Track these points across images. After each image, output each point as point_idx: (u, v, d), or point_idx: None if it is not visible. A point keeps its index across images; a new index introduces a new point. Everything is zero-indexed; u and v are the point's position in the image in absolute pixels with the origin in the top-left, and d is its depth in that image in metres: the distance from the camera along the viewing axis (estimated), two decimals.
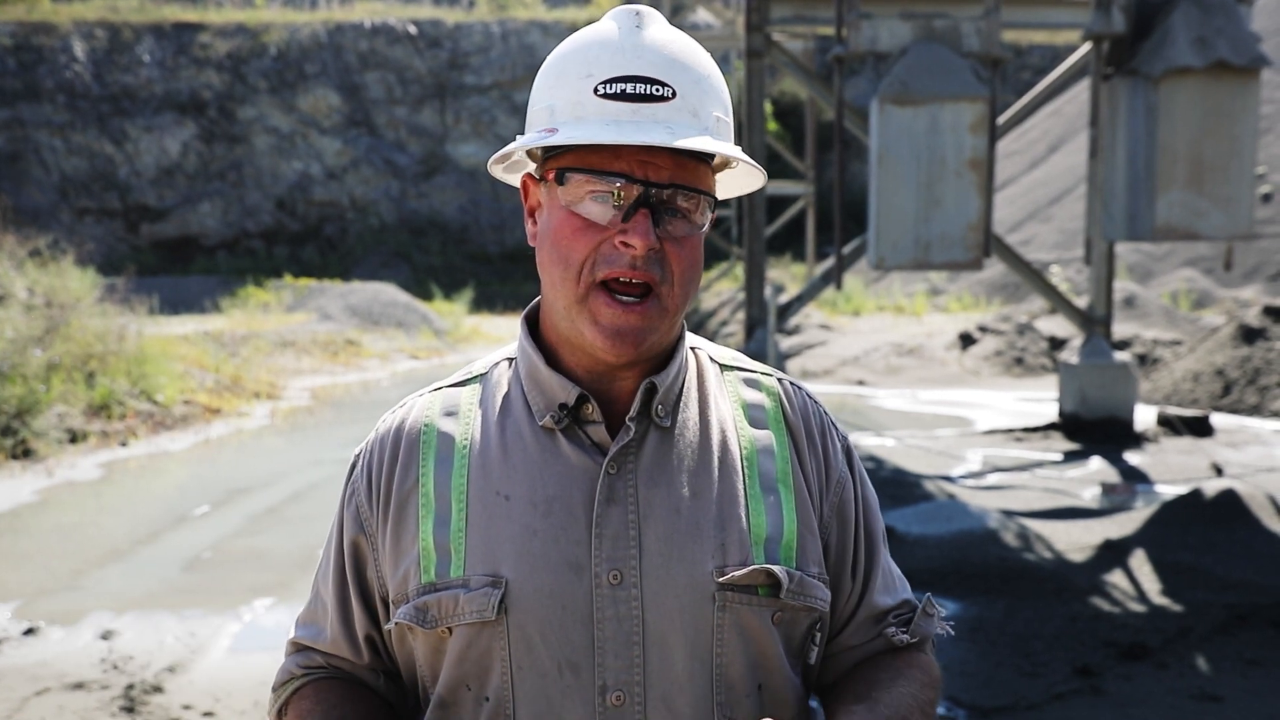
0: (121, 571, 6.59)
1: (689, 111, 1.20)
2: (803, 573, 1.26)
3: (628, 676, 1.20)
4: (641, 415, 1.25)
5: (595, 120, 1.18)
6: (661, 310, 1.21)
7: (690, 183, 1.20)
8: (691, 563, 1.21)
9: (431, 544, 1.24)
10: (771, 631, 1.24)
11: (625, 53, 1.20)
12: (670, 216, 1.20)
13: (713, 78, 1.24)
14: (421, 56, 31.82)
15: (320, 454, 9.96)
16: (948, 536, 6.43)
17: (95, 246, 21.03)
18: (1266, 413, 11.00)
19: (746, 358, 1.40)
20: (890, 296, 22.08)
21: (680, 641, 1.21)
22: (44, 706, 4.54)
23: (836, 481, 1.33)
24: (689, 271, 1.22)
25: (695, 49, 1.24)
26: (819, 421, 1.36)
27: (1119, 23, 9.05)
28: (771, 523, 1.26)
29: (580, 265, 1.20)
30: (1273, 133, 19.86)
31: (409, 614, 1.23)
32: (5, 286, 12.00)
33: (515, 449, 1.26)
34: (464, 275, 28.01)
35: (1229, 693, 4.43)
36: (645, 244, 1.17)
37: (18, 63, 29.92)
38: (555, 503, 1.22)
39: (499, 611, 1.20)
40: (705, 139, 1.19)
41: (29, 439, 9.55)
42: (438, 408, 1.32)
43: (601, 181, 1.18)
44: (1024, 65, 31.44)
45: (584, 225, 1.20)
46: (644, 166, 1.18)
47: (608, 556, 1.21)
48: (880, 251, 8.42)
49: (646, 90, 1.18)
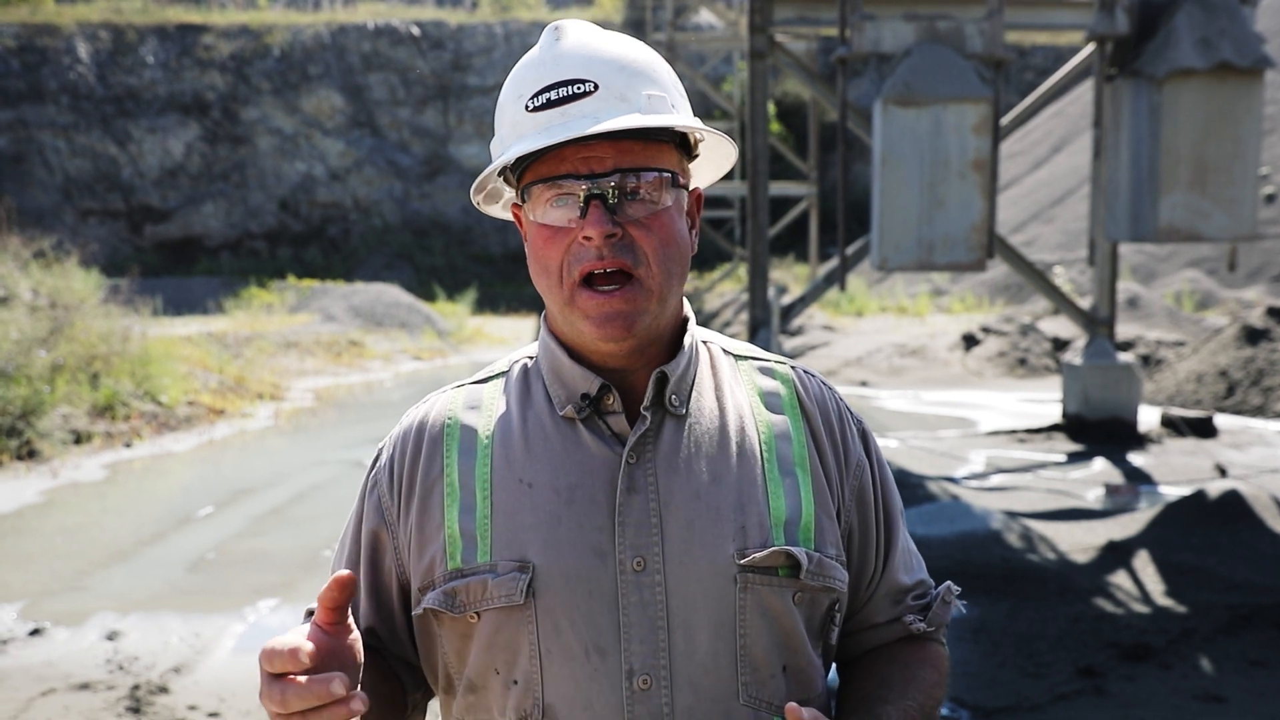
0: (126, 572, 6.60)
1: (615, 98, 1.23)
2: (821, 554, 1.29)
3: (654, 660, 1.23)
4: (656, 405, 1.29)
5: (531, 133, 1.24)
6: (645, 292, 1.24)
7: (637, 164, 1.23)
8: (713, 546, 1.25)
9: (457, 531, 1.27)
10: (793, 611, 1.27)
11: (545, 65, 1.26)
12: (629, 200, 1.23)
13: (639, 61, 1.27)
14: (424, 57, 31.85)
15: (324, 455, 9.97)
16: (951, 537, 6.43)
17: (99, 247, 21.05)
18: (1270, 414, 10.99)
19: (759, 349, 1.44)
20: (893, 297, 22.08)
21: (704, 624, 1.24)
22: (50, 707, 4.55)
23: (855, 466, 1.37)
24: (663, 249, 1.25)
25: (620, 42, 1.28)
26: (835, 408, 1.39)
27: (1122, 24, 9.05)
28: (790, 505, 1.29)
29: (559, 270, 1.25)
30: (1276, 134, 19.84)
31: (437, 599, 1.26)
32: (10, 288, 12.03)
33: (537, 438, 1.29)
34: (467, 276, 28.02)
35: (1232, 693, 4.44)
36: (600, 231, 1.21)
37: (22, 64, 29.96)
38: (577, 490, 1.26)
39: (527, 595, 1.23)
40: (632, 117, 1.22)
41: (34, 440, 9.57)
42: (461, 402, 1.36)
43: (552, 187, 1.24)
44: (1027, 66, 31.43)
45: (552, 233, 1.25)
46: (586, 162, 1.23)
47: (631, 544, 1.24)
48: (883, 252, 8.42)
49: (569, 91, 1.23)
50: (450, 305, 23.08)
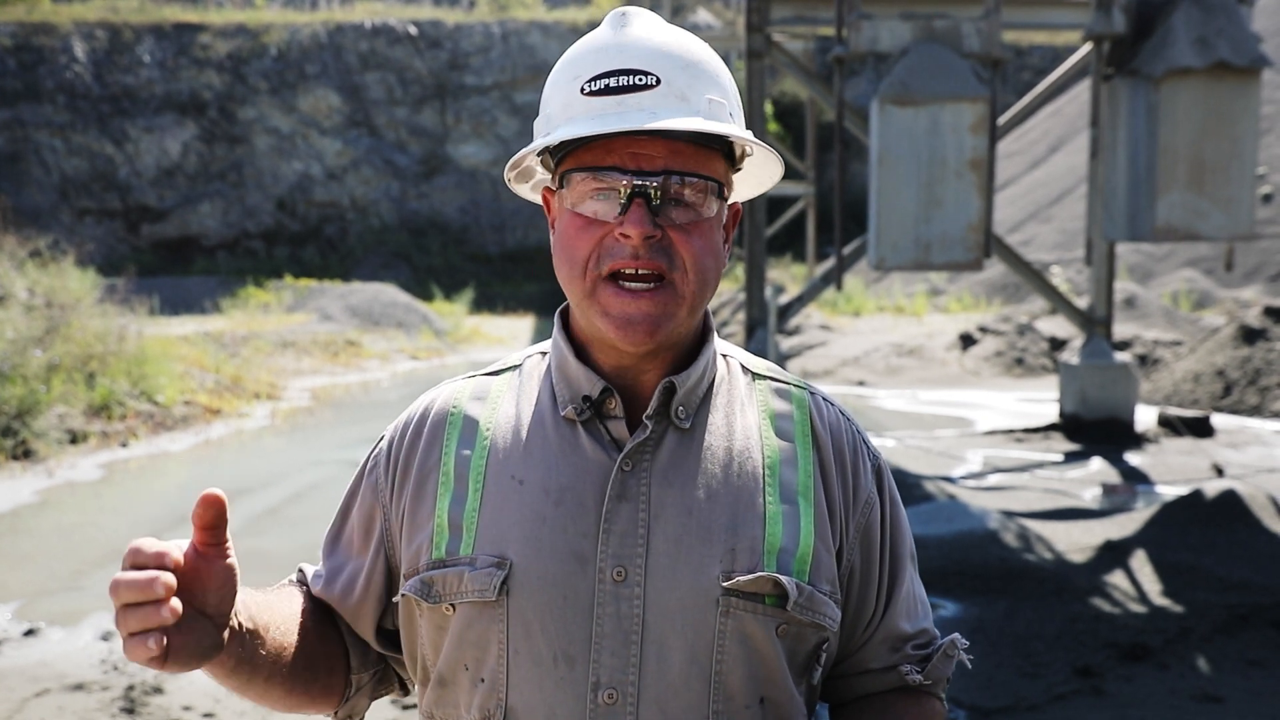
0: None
1: (675, 96, 1.19)
2: (814, 588, 1.23)
3: (622, 675, 1.19)
4: (661, 415, 1.25)
5: (582, 117, 1.20)
6: (677, 297, 1.21)
7: (688, 168, 1.20)
8: (698, 565, 1.20)
9: (446, 521, 1.26)
10: (775, 644, 1.22)
11: (609, 51, 1.21)
12: (673, 205, 1.20)
13: (705, 63, 1.23)
14: (422, 57, 31.82)
15: (320, 454, 9.96)
16: (948, 537, 6.43)
17: (95, 247, 21.03)
18: (1267, 413, 11.00)
19: (780, 369, 1.39)
20: (890, 297, 22.08)
21: (680, 644, 1.19)
22: (44, 707, 4.54)
23: (864, 503, 1.31)
24: (701, 259, 1.21)
25: (685, 38, 1.24)
26: (850, 439, 1.33)
27: (1120, 23, 9.05)
28: (787, 534, 1.24)
29: (585, 261, 1.21)
30: (1273, 133, 19.86)
31: (415, 587, 1.25)
32: (6, 287, 12.01)
33: (535, 436, 1.27)
34: (464, 276, 27.99)
35: (1230, 693, 4.43)
36: (640, 232, 1.17)
37: (18, 63, 29.91)
38: (567, 493, 1.23)
39: (500, 593, 1.20)
40: (694, 119, 1.18)
41: (29, 439, 9.55)
42: (468, 393, 1.34)
43: (597, 178, 1.19)
44: (1024, 65, 31.44)
45: (586, 223, 1.21)
46: (635, 158, 1.18)
47: (614, 553, 1.20)
48: (881, 252, 8.42)
49: (629, 81, 1.18)
50: (447, 305, 23.05)
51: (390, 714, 4.44)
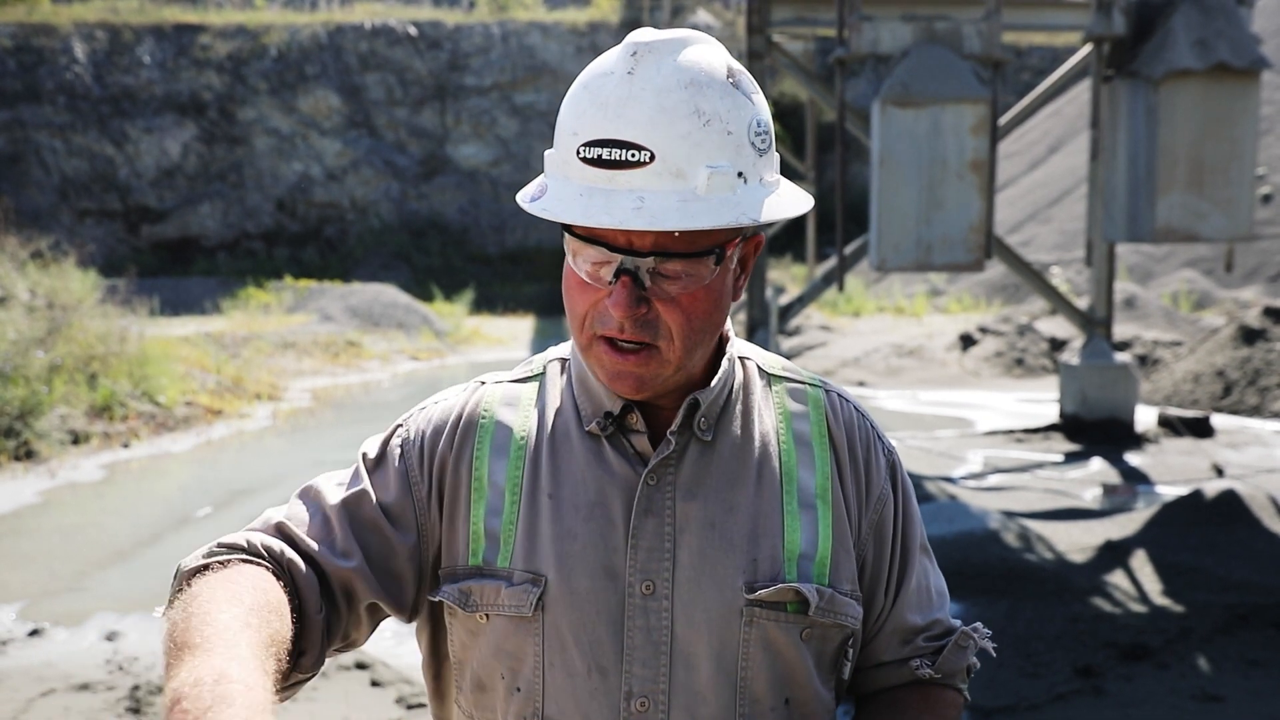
0: (125, 573, 6.60)
1: (671, 174, 1.13)
2: (834, 589, 1.27)
3: (653, 685, 1.23)
4: (684, 428, 1.27)
5: (576, 184, 1.16)
6: (661, 361, 1.21)
7: (679, 248, 1.16)
8: (721, 578, 1.24)
9: (482, 529, 1.28)
10: (800, 647, 1.26)
11: (609, 109, 1.14)
12: (664, 279, 1.18)
13: (713, 119, 1.14)
14: (421, 58, 31.82)
15: (322, 455, 9.97)
16: (949, 537, 6.44)
17: (96, 248, 21.03)
18: (1267, 413, 11.01)
19: (797, 367, 1.39)
20: (890, 297, 22.10)
21: (706, 654, 1.24)
22: (50, 707, 4.55)
23: (877, 498, 1.33)
24: (690, 324, 1.19)
25: (695, 88, 1.14)
26: (864, 435, 1.35)
27: (1119, 25, 9.06)
28: (806, 539, 1.27)
29: (582, 319, 1.22)
30: (1273, 134, 19.88)
31: (452, 595, 1.28)
32: (7, 288, 12.02)
33: (563, 450, 1.29)
34: (464, 276, 27.98)
35: (1230, 693, 4.45)
36: (622, 314, 1.16)
37: (18, 64, 29.91)
38: (596, 508, 1.25)
39: (536, 609, 1.24)
40: (678, 212, 1.12)
41: (31, 440, 9.56)
42: (498, 399, 1.35)
43: (588, 245, 1.17)
44: (1024, 67, 31.46)
45: (581, 283, 1.21)
46: (626, 235, 1.16)
47: (642, 567, 1.24)
48: (882, 253, 8.44)
49: (622, 156, 1.13)
50: (447, 305, 23.06)
51: (392, 714, 4.46)
